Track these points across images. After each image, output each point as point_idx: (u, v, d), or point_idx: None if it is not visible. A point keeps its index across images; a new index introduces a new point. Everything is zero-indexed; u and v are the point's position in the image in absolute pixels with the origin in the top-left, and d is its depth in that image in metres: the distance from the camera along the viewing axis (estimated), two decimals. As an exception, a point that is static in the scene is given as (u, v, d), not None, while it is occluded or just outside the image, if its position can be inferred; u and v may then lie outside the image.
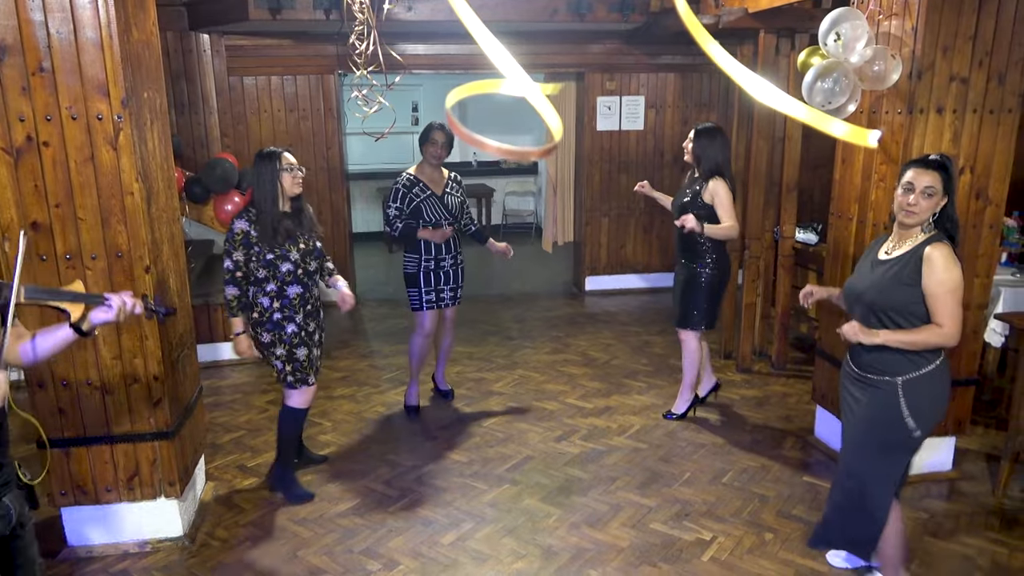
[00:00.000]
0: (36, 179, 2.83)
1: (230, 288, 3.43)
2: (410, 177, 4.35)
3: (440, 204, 4.36)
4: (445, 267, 4.47)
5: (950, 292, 2.48)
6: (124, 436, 3.16)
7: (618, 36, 7.03)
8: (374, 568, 3.15)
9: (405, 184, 4.33)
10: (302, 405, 3.64)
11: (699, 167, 4.16)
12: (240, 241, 3.40)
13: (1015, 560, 3.17)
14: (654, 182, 7.48)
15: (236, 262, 3.41)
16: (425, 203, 4.32)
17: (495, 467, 4.00)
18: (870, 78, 3.33)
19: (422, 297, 4.46)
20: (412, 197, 4.32)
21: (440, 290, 4.49)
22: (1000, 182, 3.51)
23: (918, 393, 2.59)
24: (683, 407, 4.55)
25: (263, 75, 6.65)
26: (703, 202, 4.10)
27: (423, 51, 6.73)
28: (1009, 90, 3.39)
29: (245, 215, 3.43)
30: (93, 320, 2.16)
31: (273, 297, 3.46)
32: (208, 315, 5.50)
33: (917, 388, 2.59)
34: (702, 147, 4.11)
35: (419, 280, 4.43)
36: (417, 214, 4.32)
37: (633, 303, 7.22)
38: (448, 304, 4.56)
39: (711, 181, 4.08)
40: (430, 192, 4.34)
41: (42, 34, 2.72)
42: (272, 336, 3.48)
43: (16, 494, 2.06)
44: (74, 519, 3.28)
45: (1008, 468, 3.63)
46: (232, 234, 3.40)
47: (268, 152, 3.43)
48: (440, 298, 4.50)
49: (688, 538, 3.34)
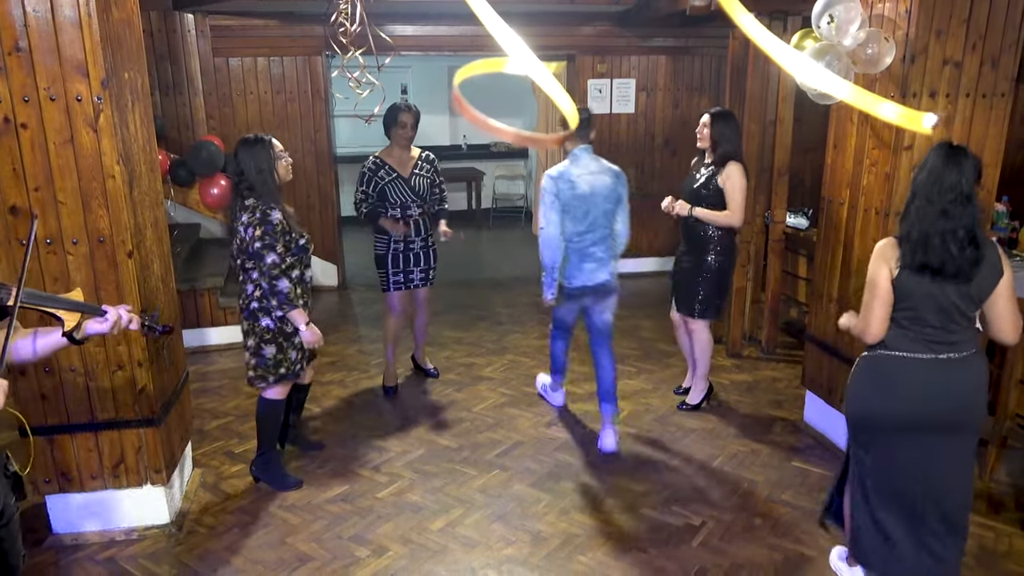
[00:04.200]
0: (15, 162, 2.77)
1: (282, 283, 3.27)
2: (376, 160, 4.34)
3: (406, 187, 4.33)
4: (415, 249, 4.47)
5: None
6: (109, 423, 3.12)
7: (609, 18, 6.97)
8: (363, 554, 3.14)
9: (370, 167, 4.32)
10: (276, 396, 3.55)
11: (714, 151, 4.10)
12: (280, 231, 3.26)
13: (1001, 544, 3.19)
14: (644, 165, 7.50)
15: (280, 255, 3.27)
16: (390, 186, 4.30)
17: (485, 453, 3.99)
18: (863, 61, 3.30)
19: (390, 278, 4.48)
20: (377, 180, 4.31)
21: (409, 271, 4.49)
22: (992, 167, 3.49)
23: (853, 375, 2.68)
24: (698, 398, 4.48)
25: (249, 56, 6.55)
26: (717, 186, 4.05)
27: (412, 32, 6.64)
28: (1002, 74, 3.37)
29: (268, 206, 3.25)
30: (87, 331, 2.11)
31: (295, 283, 3.37)
32: (195, 300, 5.45)
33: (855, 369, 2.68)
34: (719, 131, 4.04)
35: (387, 262, 4.45)
36: (383, 197, 4.32)
37: (622, 287, 7.19)
38: (419, 285, 4.57)
39: (728, 165, 4.03)
40: (396, 175, 4.32)
41: (18, 12, 2.64)
42: (247, 325, 3.41)
43: (2, 483, 2.03)
44: (59, 507, 3.24)
45: (995, 452, 3.65)
46: (270, 227, 3.22)
47: (257, 138, 3.32)
48: (409, 279, 4.51)
49: (677, 523, 3.35)
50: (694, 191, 4.14)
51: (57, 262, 2.88)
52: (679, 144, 7.39)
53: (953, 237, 2.36)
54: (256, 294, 3.36)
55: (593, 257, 3.83)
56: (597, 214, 3.77)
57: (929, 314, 2.45)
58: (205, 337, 5.54)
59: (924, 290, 2.43)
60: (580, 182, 3.73)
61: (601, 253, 3.84)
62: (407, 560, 3.10)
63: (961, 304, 2.43)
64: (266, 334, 3.39)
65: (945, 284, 2.41)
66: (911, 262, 2.42)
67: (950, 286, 2.41)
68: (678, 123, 7.40)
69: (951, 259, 2.37)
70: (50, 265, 2.88)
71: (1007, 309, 2.45)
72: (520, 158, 10.77)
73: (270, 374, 3.44)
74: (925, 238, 2.40)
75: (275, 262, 3.25)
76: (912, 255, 2.42)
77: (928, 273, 2.41)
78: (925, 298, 2.43)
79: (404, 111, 4.29)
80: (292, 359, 3.46)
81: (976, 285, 2.42)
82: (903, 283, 2.45)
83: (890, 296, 2.48)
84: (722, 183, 4.03)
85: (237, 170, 3.31)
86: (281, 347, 3.41)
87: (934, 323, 2.46)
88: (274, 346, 3.40)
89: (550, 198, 3.71)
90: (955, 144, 2.45)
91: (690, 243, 4.24)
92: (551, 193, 3.72)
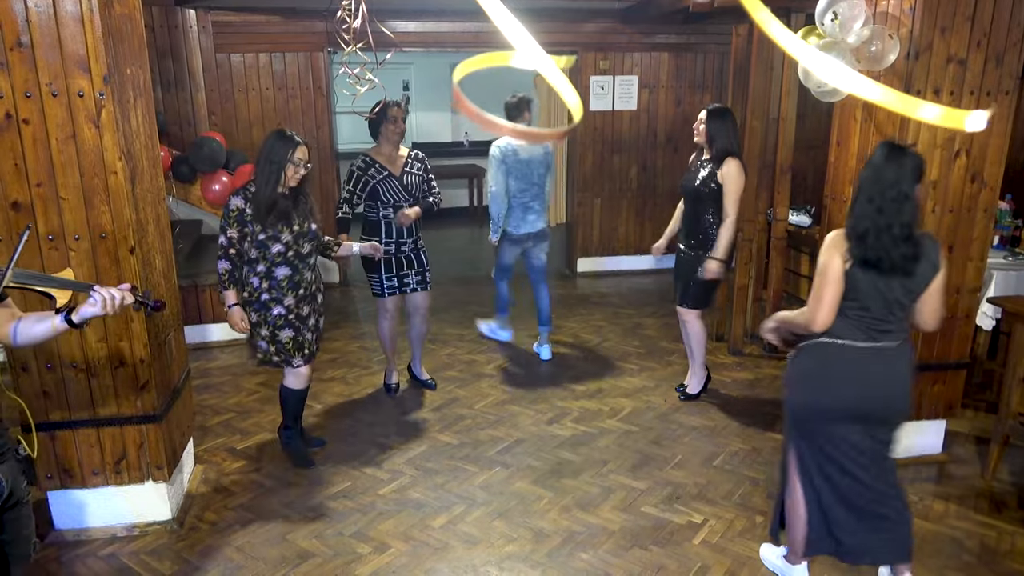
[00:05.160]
0: (16, 157, 2.76)
1: (222, 262, 3.43)
2: (366, 158, 4.24)
3: (399, 185, 4.24)
4: (405, 251, 4.35)
5: None
6: (110, 419, 3.12)
7: (612, 15, 6.95)
8: (364, 551, 3.14)
9: (360, 166, 4.22)
10: (296, 386, 3.70)
11: (710, 148, 4.14)
12: (235, 218, 3.38)
13: (1004, 543, 3.19)
14: (647, 163, 7.49)
15: (230, 239, 3.40)
16: (382, 184, 4.21)
17: (486, 450, 3.99)
18: (867, 58, 3.28)
19: (383, 283, 4.35)
20: (368, 179, 4.21)
21: (403, 275, 4.37)
22: (995, 165, 3.48)
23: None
24: (697, 387, 4.55)
25: (251, 52, 6.54)
26: (717, 182, 4.11)
27: (414, 28, 6.63)
28: (1007, 72, 3.36)
29: (243, 192, 3.41)
30: (83, 313, 2.08)
31: (262, 277, 3.44)
32: (196, 296, 5.44)
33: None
34: (715, 127, 4.10)
35: (379, 266, 4.32)
36: (375, 196, 4.22)
37: (625, 285, 7.20)
38: (416, 289, 4.44)
39: (727, 162, 4.07)
40: (387, 173, 4.23)
41: (20, 7, 2.63)
42: (258, 316, 3.49)
43: (11, 466, 2.02)
44: (61, 502, 3.24)
45: (998, 451, 3.64)
46: (228, 210, 3.39)
47: (287, 135, 3.37)
48: (404, 283, 4.39)
49: (679, 521, 3.34)
50: (695, 189, 4.18)
51: (59, 258, 2.88)
52: (681, 141, 7.37)
53: (888, 233, 2.43)
54: (264, 285, 3.44)
55: (532, 210, 4.92)
56: (533, 176, 4.84)
57: (874, 305, 2.52)
58: (207, 333, 5.54)
59: (872, 284, 2.49)
60: (521, 151, 4.78)
61: (538, 207, 4.94)
62: (408, 557, 3.10)
63: (903, 298, 2.52)
64: (279, 320, 3.48)
65: (891, 279, 2.48)
66: (854, 256, 2.49)
67: (895, 281, 2.48)
68: (680, 120, 7.38)
69: (887, 255, 2.44)
70: (52, 261, 2.88)
71: (937, 302, 2.57)
72: (522, 155, 10.73)
73: (292, 355, 3.57)
74: (864, 233, 2.46)
75: (222, 243, 3.41)
76: (854, 250, 2.49)
77: (871, 268, 2.48)
78: (872, 292, 2.50)
79: (393, 106, 4.18)
80: (310, 340, 3.62)
81: (916, 279, 2.50)
82: (853, 276, 2.51)
83: (841, 284, 2.52)
84: (721, 179, 4.08)
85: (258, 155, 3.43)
86: (297, 330, 3.53)
87: (877, 314, 2.53)
88: (290, 330, 3.52)
89: (497, 163, 4.76)
90: (898, 143, 2.52)
91: (691, 238, 4.27)
92: (499, 160, 4.76)
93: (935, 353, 3.66)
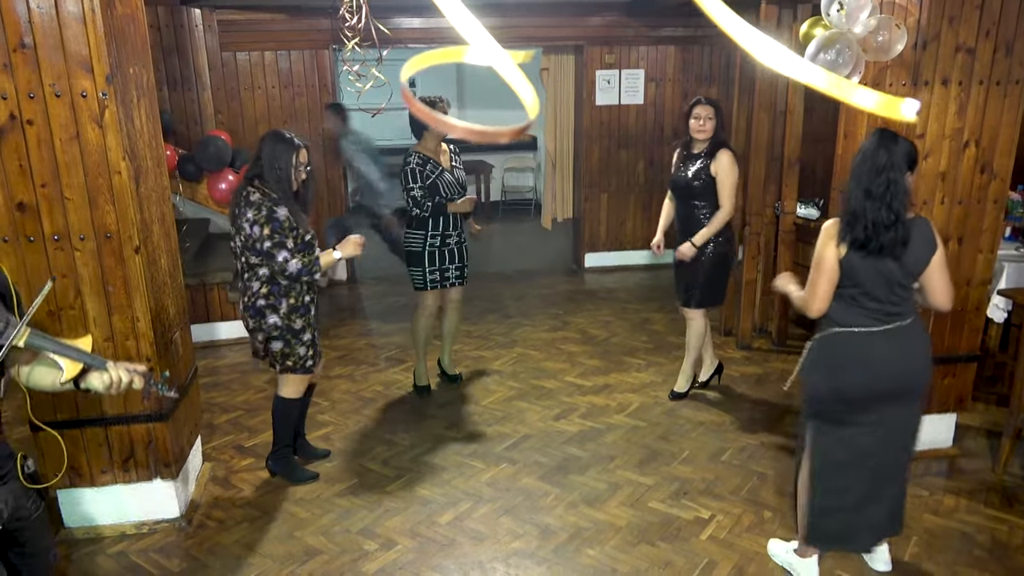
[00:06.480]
0: (21, 158, 2.77)
1: (292, 264, 3.20)
2: (420, 155, 4.21)
3: (453, 179, 4.29)
4: (451, 244, 4.35)
5: None
6: (118, 418, 3.14)
7: (618, 8, 6.90)
8: (371, 548, 3.14)
9: (418, 163, 4.19)
10: (291, 395, 3.56)
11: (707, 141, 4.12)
12: (287, 228, 3.20)
13: (1015, 537, 3.16)
14: (654, 157, 7.45)
15: (291, 250, 3.21)
16: (440, 179, 4.22)
17: (493, 446, 3.99)
18: (874, 49, 3.24)
19: (426, 276, 4.33)
20: (428, 174, 4.20)
21: (445, 269, 4.37)
22: (1006, 156, 3.44)
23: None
24: (686, 385, 4.53)
25: (256, 51, 6.55)
26: (710, 175, 4.09)
27: (418, 24, 6.61)
28: (1017, 60, 3.31)
29: (268, 202, 3.20)
30: (89, 383, 1.98)
31: (264, 282, 3.32)
32: (204, 295, 5.47)
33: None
34: (718, 121, 4.10)
35: (423, 259, 4.30)
36: (434, 191, 4.21)
37: (632, 280, 7.18)
38: (454, 283, 4.45)
39: (719, 154, 4.05)
40: (441, 168, 4.26)
41: (22, 8, 2.64)
42: (254, 323, 3.37)
43: (12, 487, 1.93)
44: (70, 501, 3.26)
45: (1009, 445, 3.60)
46: (278, 223, 3.17)
47: (288, 138, 3.26)
48: (445, 277, 4.39)
49: (687, 516, 3.33)
50: (688, 184, 4.15)
51: (64, 258, 2.89)
52: (689, 135, 7.32)
53: (876, 216, 2.46)
54: (263, 291, 3.31)
55: None
56: None
57: (875, 289, 2.55)
58: (214, 332, 5.56)
59: (870, 267, 2.52)
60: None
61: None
62: (415, 553, 3.11)
63: (901, 278, 2.56)
64: (273, 331, 3.36)
65: (886, 260, 2.51)
66: (845, 239, 2.53)
67: (890, 261, 2.51)
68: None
69: (875, 237, 2.47)
70: (58, 261, 2.89)
71: (941, 281, 2.60)
72: (529, 150, 10.72)
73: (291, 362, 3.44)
74: (854, 217, 2.50)
75: (286, 258, 3.20)
76: (844, 233, 2.53)
77: (862, 250, 2.51)
78: (873, 274, 2.53)
79: (440, 102, 4.14)
80: (300, 354, 3.44)
81: (912, 260, 2.54)
82: (850, 262, 2.54)
83: (836, 274, 2.58)
84: (714, 172, 4.06)
85: (255, 156, 3.28)
86: (288, 343, 3.40)
87: (880, 297, 2.56)
88: (281, 342, 3.39)
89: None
90: (890, 130, 2.55)
91: (688, 235, 4.24)
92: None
93: (945, 346, 3.63)
